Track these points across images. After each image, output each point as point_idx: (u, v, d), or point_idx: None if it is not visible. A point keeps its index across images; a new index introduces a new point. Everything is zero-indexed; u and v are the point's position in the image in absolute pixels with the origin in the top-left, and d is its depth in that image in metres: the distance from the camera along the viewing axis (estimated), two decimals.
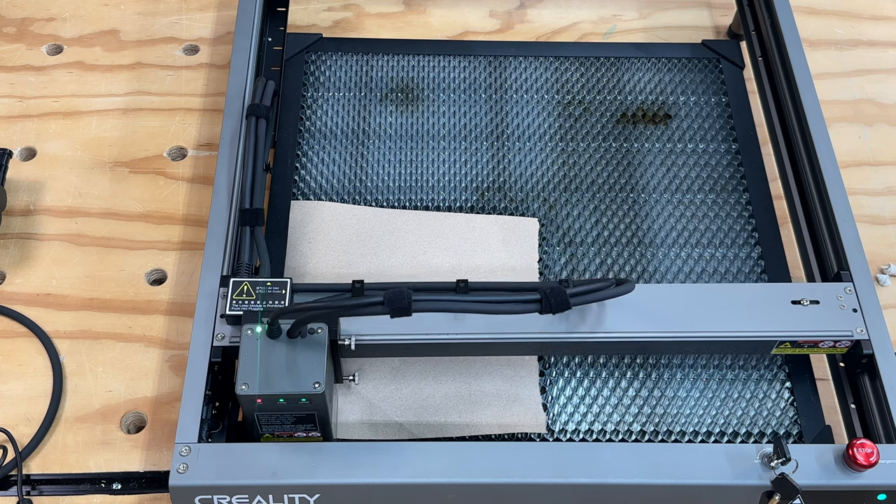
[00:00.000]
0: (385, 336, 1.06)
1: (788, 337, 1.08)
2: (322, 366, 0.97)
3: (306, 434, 1.03)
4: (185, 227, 1.30)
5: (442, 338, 1.06)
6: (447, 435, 1.12)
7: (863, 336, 1.09)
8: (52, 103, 1.42)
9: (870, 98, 1.49)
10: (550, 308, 0.99)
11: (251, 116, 1.22)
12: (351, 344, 1.03)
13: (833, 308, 1.10)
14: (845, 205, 1.20)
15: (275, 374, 0.96)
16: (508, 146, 1.37)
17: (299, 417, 1.00)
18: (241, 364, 0.97)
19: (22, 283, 1.25)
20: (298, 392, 0.96)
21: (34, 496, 1.08)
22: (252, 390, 0.96)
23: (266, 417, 1.00)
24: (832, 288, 1.13)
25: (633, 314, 1.08)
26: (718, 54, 1.48)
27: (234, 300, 1.04)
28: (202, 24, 1.53)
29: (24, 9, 1.54)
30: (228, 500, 0.97)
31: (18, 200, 1.32)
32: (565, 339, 1.07)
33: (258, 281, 1.05)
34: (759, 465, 0.98)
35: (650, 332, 1.08)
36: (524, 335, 1.07)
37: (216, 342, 1.05)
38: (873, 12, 1.60)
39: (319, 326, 0.99)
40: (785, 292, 1.12)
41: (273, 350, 0.98)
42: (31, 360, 1.18)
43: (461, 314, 1.06)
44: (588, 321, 1.07)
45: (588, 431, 1.13)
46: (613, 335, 1.07)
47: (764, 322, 1.09)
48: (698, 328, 1.08)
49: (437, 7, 1.58)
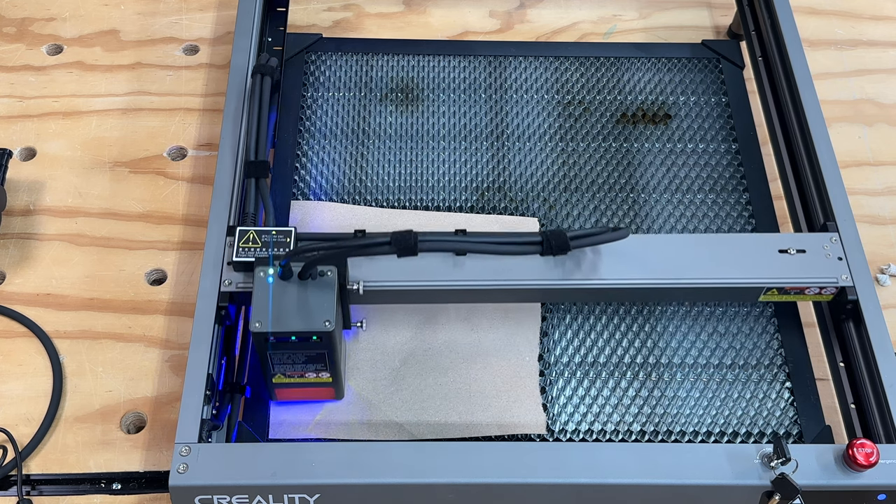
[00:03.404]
0: (391, 282, 1.09)
1: (776, 283, 1.11)
2: (332, 305, 1.00)
3: (317, 375, 1.06)
4: (185, 227, 1.30)
5: (445, 284, 1.10)
6: (447, 435, 1.12)
7: (847, 283, 1.12)
8: (52, 103, 1.42)
9: (870, 98, 1.49)
10: (551, 250, 1.06)
11: (256, 74, 1.26)
12: (359, 289, 1.07)
13: (819, 256, 1.14)
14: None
15: (287, 313, 1.00)
16: (508, 146, 1.37)
17: (310, 357, 1.03)
18: (255, 304, 1.00)
19: (22, 283, 1.25)
20: (310, 329, 0.99)
21: (34, 496, 1.08)
22: (265, 328, 0.99)
23: (278, 357, 1.03)
24: (818, 238, 1.16)
25: (627, 262, 1.12)
26: (718, 54, 1.48)
27: (240, 248, 1.08)
28: (202, 24, 1.53)
29: (24, 9, 1.54)
30: (228, 500, 0.97)
31: (18, 200, 1.32)
32: (563, 285, 1.11)
33: (264, 230, 1.09)
34: (759, 465, 0.98)
35: (644, 279, 1.11)
36: (524, 282, 1.10)
37: (223, 288, 1.08)
38: (873, 12, 1.60)
39: (329, 269, 1.03)
40: (773, 242, 1.15)
41: (284, 291, 1.01)
42: (31, 360, 1.18)
43: (463, 261, 1.11)
44: (584, 268, 1.11)
45: (588, 431, 1.13)
46: (609, 282, 1.11)
47: (752, 269, 1.12)
48: (690, 276, 1.12)
49: (437, 7, 1.58)
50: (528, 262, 1.11)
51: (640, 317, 1.22)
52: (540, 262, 1.11)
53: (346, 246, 1.01)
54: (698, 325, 1.22)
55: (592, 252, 1.12)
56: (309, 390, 1.10)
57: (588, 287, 1.11)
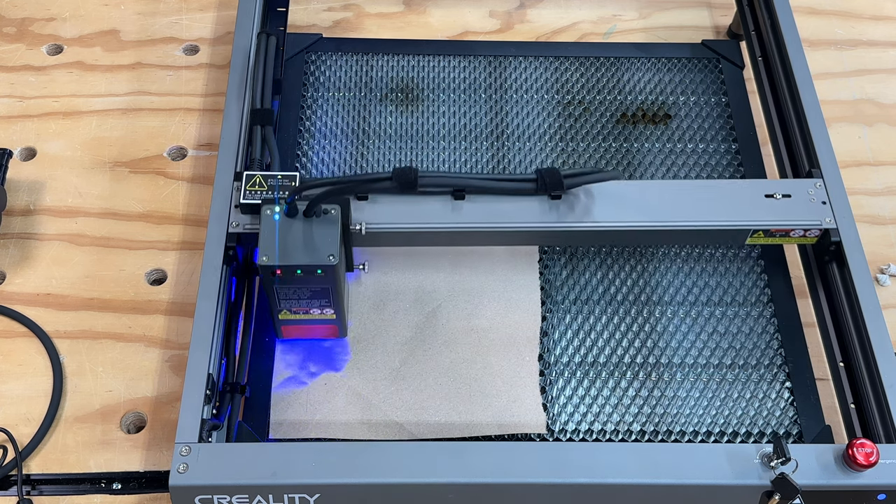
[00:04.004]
0: (392, 224, 1.13)
1: (762, 226, 1.16)
2: (336, 240, 1.04)
3: (321, 311, 1.10)
4: (185, 227, 1.30)
5: (444, 226, 1.14)
6: (447, 435, 1.12)
7: (831, 225, 1.16)
8: (52, 103, 1.42)
9: (870, 98, 1.49)
10: (546, 188, 1.12)
11: (262, 34, 1.31)
12: (362, 229, 1.11)
13: (803, 201, 1.18)
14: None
15: (292, 248, 1.04)
16: (508, 146, 1.37)
17: (315, 292, 1.07)
18: (262, 240, 1.04)
19: (22, 283, 1.25)
20: (314, 263, 1.03)
21: (34, 496, 1.08)
22: (272, 261, 1.03)
23: (284, 292, 1.07)
24: (803, 183, 1.20)
25: (620, 206, 1.17)
26: (718, 54, 1.48)
27: (247, 191, 1.12)
28: (202, 24, 1.53)
29: (24, 9, 1.54)
30: (228, 499, 0.97)
31: (18, 200, 1.32)
32: (558, 227, 1.15)
33: (270, 174, 1.13)
34: (759, 465, 0.98)
35: (636, 221, 1.16)
36: (520, 224, 1.15)
37: (231, 229, 1.13)
38: (873, 12, 1.60)
39: (333, 207, 1.07)
40: (759, 187, 1.20)
41: (290, 228, 1.05)
42: (31, 360, 1.18)
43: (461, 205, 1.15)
44: (578, 212, 1.15)
45: (588, 431, 1.13)
46: (602, 224, 1.15)
47: (740, 213, 1.17)
48: (681, 218, 1.17)
49: (437, 7, 1.58)
50: (525, 205, 1.15)
51: (640, 316, 1.22)
52: (535, 206, 1.15)
53: (349, 181, 1.06)
54: (698, 324, 1.22)
55: (586, 196, 1.16)
56: (313, 328, 1.14)
57: (582, 229, 1.15)
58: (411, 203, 1.13)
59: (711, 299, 1.24)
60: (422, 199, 1.15)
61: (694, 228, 1.17)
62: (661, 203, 1.17)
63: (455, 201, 1.15)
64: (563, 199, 1.16)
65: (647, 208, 1.17)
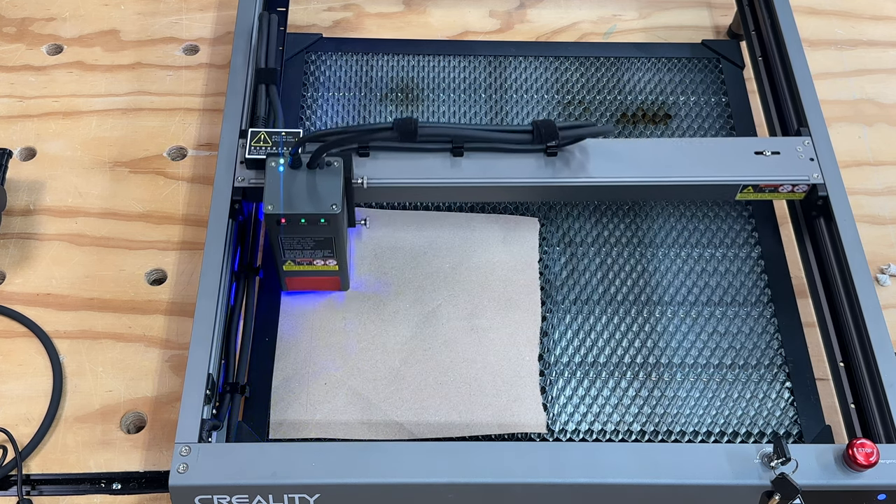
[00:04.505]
0: (393, 179, 1.17)
1: (751, 181, 1.20)
2: (339, 191, 1.08)
3: (324, 262, 1.14)
4: (185, 226, 1.30)
5: (444, 181, 1.18)
6: (447, 434, 1.12)
7: (818, 180, 1.20)
8: (52, 103, 1.42)
9: (870, 98, 1.49)
10: (541, 138, 1.15)
11: (264, 11, 1.36)
12: (363, 183, 1.15)
13: (792, 157, 1.22)
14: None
15: (297, 197, 1.07)
16: None
17: (318, 242, 1.11)
18: (267, 190, 1.08)
19: (22, 283, 1.25)
20: (318, 212, 1.07)
21: (34, 496, 1.08)
22: (276, 210, 1.06)
23: (289, 241, 1.11)
24: (791, 141, 1.24)
25: (614, 162, 1.20)
26: (718, 54, 1.48)
27: (252, 146, 1.16)
28: (202, 24, 1.53)
29: (24, 9, 1.54)
30: (228, 500, 0.97)
31: (18, 200, 1.32)
32: (554, 182, 1.19)
33: (274, 130, 1.17)
34: (759, 465, 0.98)
35: (630, 177, 1.19)
36: (517, 180, 1.18)
37: (237, 184, 1.16)
38: (873, 12, 1.60)
39: (335, 160, 1.10)
40: (749, 145, 1.24)
41: (294, 179, 1.09)
42: (31, 360, 1.18)
43: (460, 161, 1.18)
44: (573, 167, 1.19)
45: (588, 431, 1.13)
46: (597, 180, 1.19)
47: (730, 169, 1.21)
48: (672, 174, 1.20)
49: (437, 7, 1.58)
50: (521, 162, 1.19)
51: (640, 317, 1.22)
52: (532, 162, 1.19)
53: (352, 130, 1.09)
54: (698, 325, 1.22)
55: (581, 153, 1.20)
56: (317, 279, 1.18)
57: (576, 184, 1.19)
58: (411, 159, 1.17)
59: (711, 299, 1.24)
60: (421, 156, 1.18)
61: (686, 184, 1.20)
62: (655, 159, 1.21)
63: (454, 158, 1.18)
64: (559, 156, 1.19)
65: (641, 164, 1.20)
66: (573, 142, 1.18)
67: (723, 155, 1.22)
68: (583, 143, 1.19)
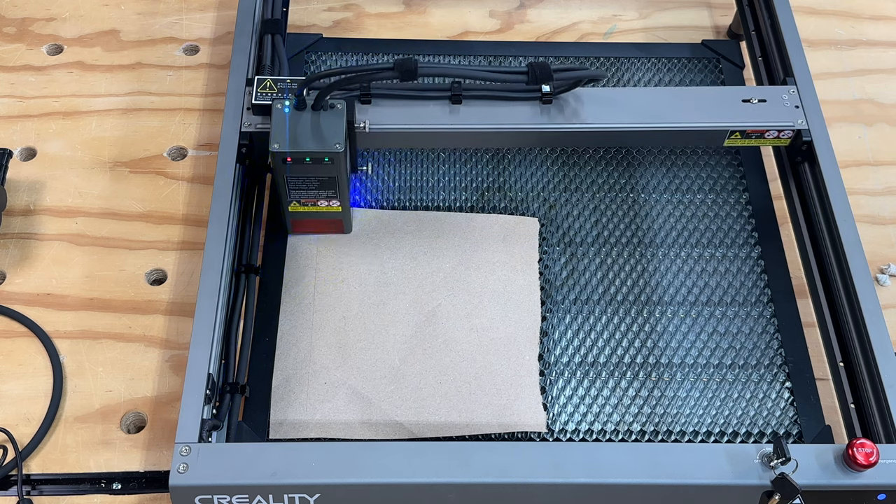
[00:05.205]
0: (394, 125, 1.21)
1: (738, 127, 1.24)
2: (342, 131, 1.13)
3: (328, 203, 1.19)
4: (185, 226, 1.30)
5: (443, 127, 1.22)
6: (447, 434, 1.12)
7: (803, 126, 1.24)
8: (52, 103, 1.42)
9: (870, 98, 1.49)
10: (536, 79, 1.20)
11: None
12: (366, 127, 1.19)
13: (778, 105, 1.26)
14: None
15: (302, 137, 1.12)
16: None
17: (322, 182, 1.16)
18: (273, 130, 1.12)
19: (22, 283, 1.25)
20: (322, 150, 1.11)
21: (34, 496, 1.08)
22: (283, 148, 1.11)
23: (294, 181, 1.15)
24: (777, 90, 1.28)
25: (608, 109, 1.25)
26: (718, 54, 1.48)
27: (258, 93, 1.20)
28: (202, 24, 1.53)
29: (24, 9, 1.54)
30: (228, 499, 0.97)
31: (18, 200, 1.32)
32: (549, 128, 1.23)
33: (279, 78, 1.21)
34: (759, 465, 0.98)
35: (623, 123, 1.24)
36: (514, 125, 1.22)
37: (244, 128, 1.20)
38: (873, 12, 1.60)
39: (339, 102, 1.15)
40: (737, 93, 1.28)
41: (299, 119, 1.13)
42: (31, 360, 1.19)
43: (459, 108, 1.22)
44: (568, 114, 1.23)
45: (588, 431, 1.13)
46: (591, 126, 1.23)
47: (719, 116, 1.25)
48: (664, 121, 1.24)
49: (437, 7, 1.58)
50: (517, 109, 1.23)
51: (640, 317, 1.22)
52: (527, 110, 1.23)
53: (355, 70, 1.12)
54: (698, 325, 1.22)
55: (575, 101, 1.24)
56: (321, 222, 1.23)
57: (570, 130, 1.23)
58: (412, 106, 1.22)
59: (711, 299, 1.24)
60: (421, 104, 1.22)
61: (676, 129, 1.24)
62: (646, 107, 1.25)
63: (453, 105, 1.22)
64: (554, 103, 1.23)
65: (633, 111, 1.24)
66: (568, 88, 1.22)
67: (711, 102, 1.26)
68: (577, 91, 1.23)
